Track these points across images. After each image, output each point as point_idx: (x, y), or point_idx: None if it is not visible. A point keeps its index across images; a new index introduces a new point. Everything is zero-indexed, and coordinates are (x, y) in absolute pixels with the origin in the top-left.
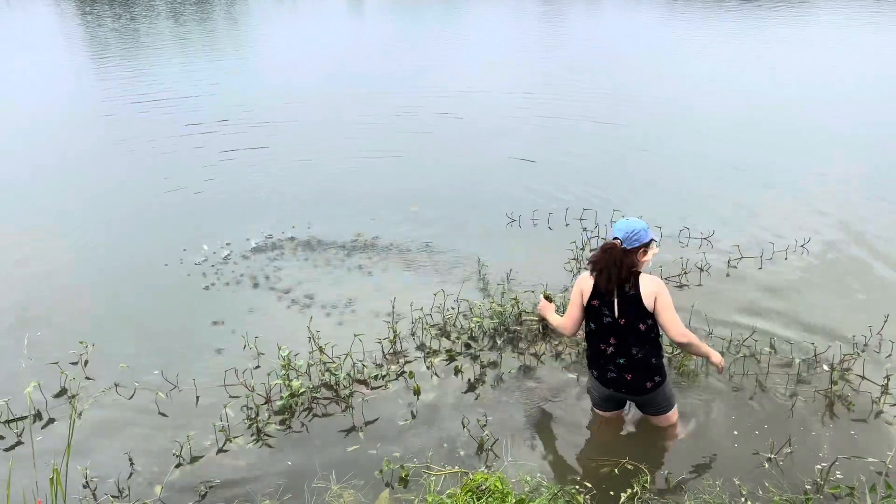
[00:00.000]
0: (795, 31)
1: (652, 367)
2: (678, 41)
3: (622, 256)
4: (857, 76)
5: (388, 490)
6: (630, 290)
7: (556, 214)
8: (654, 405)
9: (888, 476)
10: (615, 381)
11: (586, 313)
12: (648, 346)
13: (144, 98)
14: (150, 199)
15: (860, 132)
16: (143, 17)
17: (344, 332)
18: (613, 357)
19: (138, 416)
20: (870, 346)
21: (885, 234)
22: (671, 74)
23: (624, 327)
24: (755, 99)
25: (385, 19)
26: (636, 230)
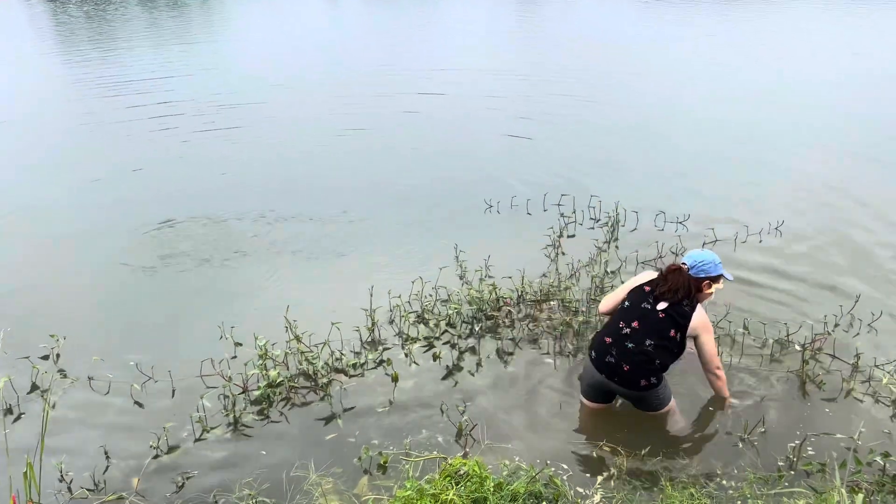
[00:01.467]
0: (774, 20)
1: (654, 367)
2: (658, 30)
3: (689, 280)
4: (833, 65)
5: (366, 477)
6: (686, 306)
7: (534, 200)
8: (645, 403)
9: (857, 452)
10: (611, 367)
11: (629, 294)
12: (662, 351)
13: (111, 82)
14: (119, 189)
15: (834, 120)
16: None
17: (321, 321)
18: (624, 339)
19: (113, 408)
20: (840, 325)
21: (856, 218)
22: (649, 62)
23: (660, 321)
24: (733, 87)
25: (363, 9)
26: (705, 261)
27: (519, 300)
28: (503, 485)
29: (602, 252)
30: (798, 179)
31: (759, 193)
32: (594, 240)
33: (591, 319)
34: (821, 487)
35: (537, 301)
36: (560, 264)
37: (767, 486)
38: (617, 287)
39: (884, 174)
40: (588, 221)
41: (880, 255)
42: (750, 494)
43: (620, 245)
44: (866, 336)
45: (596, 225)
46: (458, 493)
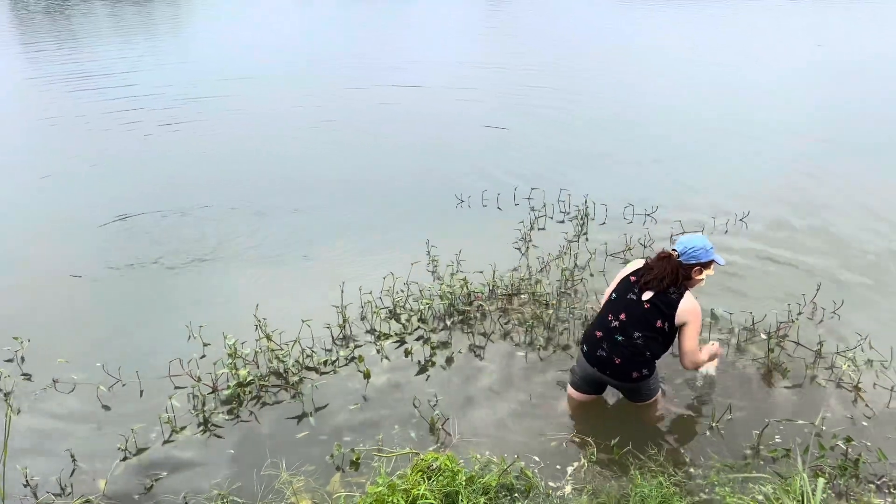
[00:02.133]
0: (745, 13)
1: (644, 360)
2: (631, 26)
3: (677, 267)
4: (801, 56)
5: (339, 474)
6: (673, 294)
7: (505, 194)
8: (635, 394)
9: (820, 437)
10: (602, 361)
11: (617, 285)
12: (651, 342)
13: (70, 77)
14: (82, 185)
15: (798, 111)
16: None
17: (291, 319)
18: (613, 333)
19: (79, 411)
20: (804, 313)
21: (820, 207)
22: (619, 55)
23: (645, 311)
24: (702, 78)
25: (335, 4)
26: (696, 248)
27: (490, 294)
28: (475, 478)
29: (572, 245)
30: (764, 171)
31: (725, 185)
32: (564, 233)
33: (561, 312)
34: (785, 473)
35: (508, 295)
36: (531, 258)
37: (734, 473)
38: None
39: (848, 165)
40: (558, 215)
41: (844, 245)
42: (717, 481)
43: (590, 238)
44: (829, 323)
45: (566, 218)
46: (429, 488)
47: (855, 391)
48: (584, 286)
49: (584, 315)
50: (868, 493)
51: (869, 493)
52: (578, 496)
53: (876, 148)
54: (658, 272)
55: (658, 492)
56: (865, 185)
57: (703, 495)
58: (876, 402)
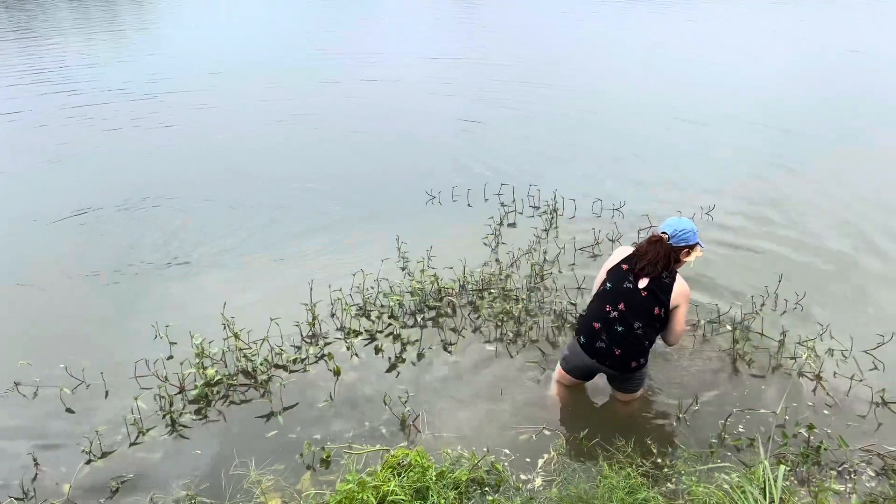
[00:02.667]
0: (714, 9)
1: (643, 349)
2: (601, 23)
3: (669, 250)
4: (764, 54)
5: (309, 472)
6: (665, 279)
7: (475, 190)
8: (629, 384)
9: (783, 426)
10: (602, 352)
11: (609, 274)
12: (650, 330)
13: (30, 72)
14: (42, 183)
15: (766, 105)
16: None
17: (260, 317)
18: (612, 323)
19: (42, 414)
20: (767, 305)
21: (784, 200)
22: (589, 50)
23: (643, 299)
24: (668, 77)
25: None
26: (685, 230)
27: (461, 290)
28: (445, 473)
29: (541, 240)
30: (730, 163)
31: (692, 178)
32: (534, 228)
33: (530, 307)
34: (750, 461)
35: (479, 290)
36: (501, 253)
37: (700, 463)
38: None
39: (812, 158)
40: (528, 210)
41: (806, 236)
42: (683, 471)
43: (559, 233)
44: (792, 314)
45: (535, 213)
46: (400, 484)
47: (816, 380)
48: (554, 281)
49: (554, 309)
50: (829, 479)
51: (830, 479)
52: (548, 489)
53: (842, 140)
54: (652, 257)
55: (626, 482)
56: (829, 177)
57: (671, 485)
58: (837, 390)
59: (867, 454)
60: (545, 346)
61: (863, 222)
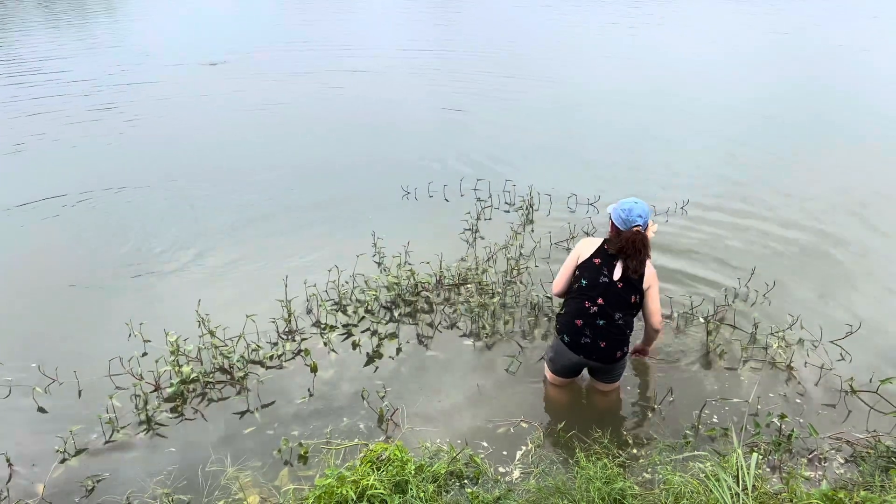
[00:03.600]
0: (678, 8)
1: (626, 337)
2: (578, 18)
3: (645, 239)
4: (735, 47)
5: (287, 468)
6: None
7: (451, 185)
8: (612, 373)
9: (756, 415)
10: (588, 347)
11: (581, 270)
12: (629, 317)
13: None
14: (22, 192)
15: (739, 96)
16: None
17: (235, 314)
18: (595, 318)
19: (14, 414)
20: (739, 297)
21: (756, 194)
22: (565, 45)
23: (619, 291)
24: (643, 72)
25: None
26: (647, 211)
27: (437, 285)
28: (424, 467)
29: (518, 235)
30: (704, 156)
31: (666, 174)
32: (510, 223)
33: (507, 300)
34: (723, 450)
35: (455, 285)
36: (477, 248)
37: (675, 453)
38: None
39: (785, 149)
40: (504, 205)
41: (777, 229)
42: (659, 461)
43: (535, 227)
44: (763, 306)
45: (511, 209)
46: (379, 478)
47: (787, 370)
48: (529, 275)
49: (530, 302)
50: (800, 466)
51: (801, 466)
52: (526, 480)
53: (814, 135)
54: (634, 251)
55: (603, 473)
56: (800, 170)
57: (647, 475)
58: (807, 379)
59: (837, 441)
60: (521, 340)
61: (832, 214)
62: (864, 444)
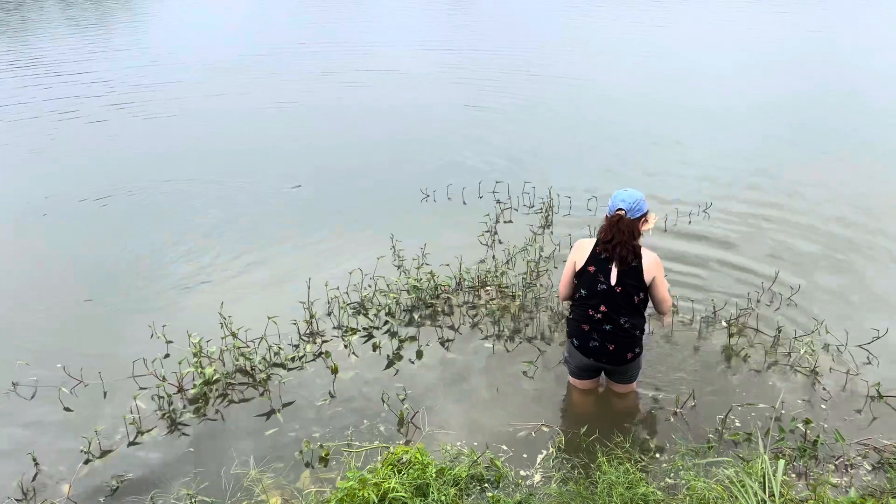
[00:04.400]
0: (707, 4)
1: (635, 339)
2: (589, 19)
3: (631, 226)
4: (749, 48)
5: (308, 470)
6: (633, 262)
7: (469, 188)
8: (626, 374)
9: (780, 420)
10: (596, 350)
11: (579, 279)
12: (637, 318)
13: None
14: (44, 192)
15: (762, 99)
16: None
17: (258, 316)
18: (600, 323)
19: (41, 414)
20: (762, 301)
21: (779, 194)
22: (583, 44)
23: (619, 295)
24: (660, 73)
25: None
26: (638, 199)
27: (457, 287)
28: (445, 470)
29: (537, 237)
30: (727, 160)
31: (687, 174)
32: (529, 225)
33: (527, 303)
34: (747, 456)
35: (475, 287)
36: (497, 250)
37: (698, 458)
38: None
39: (808, 153)
40: (523, 208)
41: (801, 232)
42: (682, 466)
43: (555, 230)
44: (786, 310)
45: (531, 211)
46: (400, 481)
47: (812, 375)
48: (549, 278)
49: (550, 306)
50: (826, 472)
51: (827, 473)
52: (547, 485)
53: (838, 135)
54: (618, 238)
55: (625, 478)
56: (825, 173)
57: (669, 480)
58: (832, 384)
59: (864, 448)
60: (541, 343)
61: (857, 217)
62: (891, 450)
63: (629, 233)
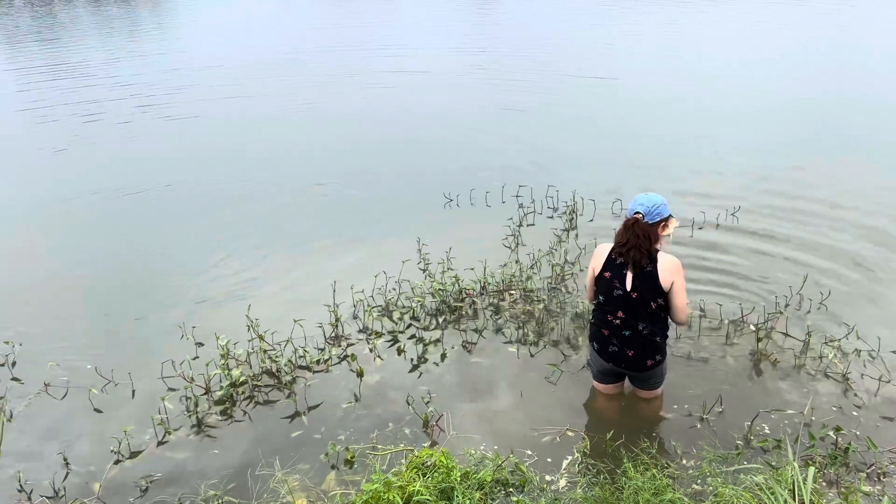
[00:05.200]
0: (733, 6)
1: (655, 346)
2: (614, 19)
3: (648, 230)
4: (777, 49)
5: (334, 472)
6: (647, 267)
7: (493, 192)
8: (648, 381)
9: (810, 427)
10: (616, 355)
11: (597, 284)
12: (657, 324)
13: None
14: (73, 192)
15: (788, 102)
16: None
17: (284, 319)
18: (619, 329)
19: (72, 414)
20: (791, 305)
21: (808, 199)
22: (607, 49)
23: (635, 301)
24: (685, 75)
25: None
26: (657, 204)
27: (481, 291)
28: (470, 474)
29: (562, 241)
30: (756, 163)
31: (717, 178)
32: (553, 229)
33: (552, 307)
34: (777, 463)
35: (499, 291)
36: (521, 254)
37: (726, 464)
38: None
39: (838, 156)
40: (547, 211)
41: (831, 236)
42: (709, 472)
43: (579, 233)
44: (816, 314)
45: (554, 214)
46: (425, 485)
47: (844, 381)
48: (575, 282)
49: (575, 311)
50: (858, 480)
51: (859, 481)
52: (573, 490)
53: (873, 138)
54: (633, 242)
55: (651, 484)
56: (854, 176)
57: (696, 486)
58: (864, 391)
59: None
60: (566, 348)
61: (891, 222)
62: None
63: (644, 237)
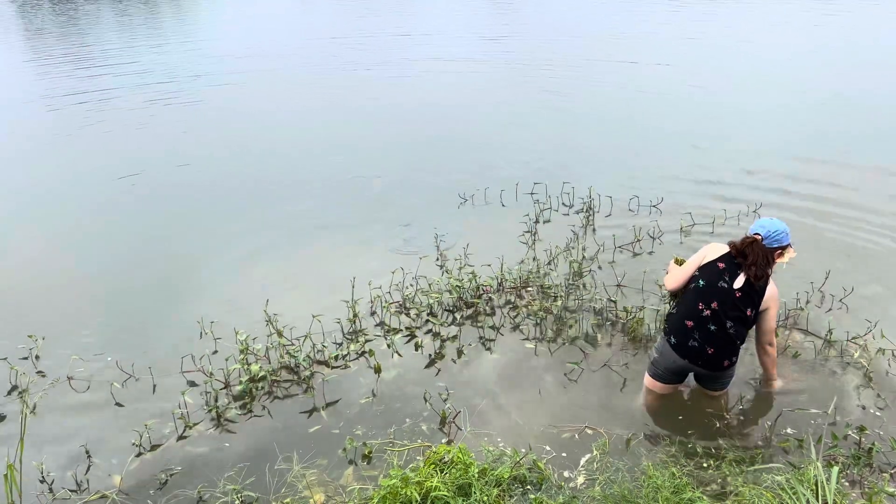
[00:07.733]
0: (749, 4)
1: (735, 347)
2: (630, 16)
3: (766, 252)
4: (802, 44)
5: (351, 467)
6: (761, 282)
7: (507, 191)
8: (719, 381)
9: (833, 426)
10: (695, 352)
11: (701, 271)
12: (742, 328)
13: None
14: (97, 187)
15: (807, 96)
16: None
17: (302, 314)
18: (706, 322)
19: (93, 407)
20: (812, 302)
21: (829, 195)
22: (624, 45)
23: (737, 299)
24: (702, 72)
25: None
26: (779, 231)
27: (499, 287)
28: (488, 470)
29: (579, 238)
30: (777, 161)
31: (737, 175)
32: (570, 226)
33: (569, 304)
34: (799, 463)
35: (517, 287)
36: (538, 251)
37: (747, 464)
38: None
39: (860, 152)
40: (563, 208)
41: (853, 232)
42: (729, 472)
43: (597, 230)
44: (838, 312)
45: (570, 211)
46: (442, 480)
47: (867, 380)
48: (593, 278)
49: (593, 307)
50: (882, 481)
51: (883, 482)
52: (591, 487)
53: (887, 134)
54: (753, 258)
55: (671, 482)
56: (876, 171)
57: (716, 486)
58: (888, 389)
59: None
60: (584, 345)
61: None
62: None
63: (764, 257)
